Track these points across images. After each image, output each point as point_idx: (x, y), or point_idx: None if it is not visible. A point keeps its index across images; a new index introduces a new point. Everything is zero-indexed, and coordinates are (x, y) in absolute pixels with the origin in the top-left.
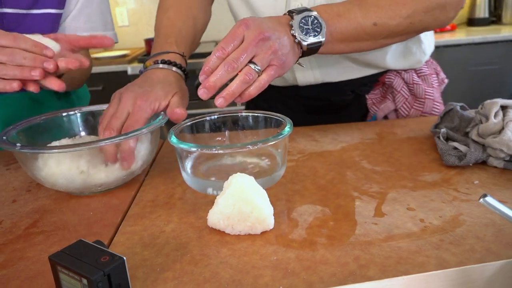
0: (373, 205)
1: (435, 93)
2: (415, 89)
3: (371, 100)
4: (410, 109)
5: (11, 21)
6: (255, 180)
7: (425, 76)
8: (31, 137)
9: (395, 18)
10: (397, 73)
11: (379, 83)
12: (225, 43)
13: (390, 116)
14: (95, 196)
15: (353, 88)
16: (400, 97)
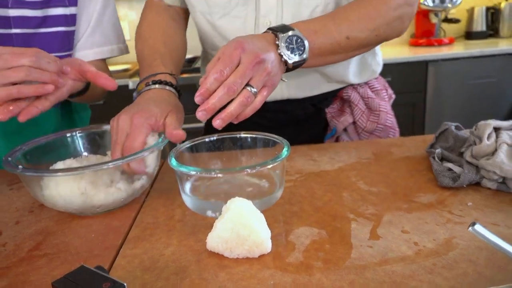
0: (369, 227)
1: (387, 106)
2: (370, 103)
3: (330, 114)
4: (367, 121)
5: (19, 41)
6: (252, 204)
7: (377, 91)
8: (37, 157)
9: (364, 31)
10: (353, 88)
11: (337, 97)
12: (223, 65)
13: (349, 128)
14: (97, 217)
15: (314, 103)
16: (358, 110)
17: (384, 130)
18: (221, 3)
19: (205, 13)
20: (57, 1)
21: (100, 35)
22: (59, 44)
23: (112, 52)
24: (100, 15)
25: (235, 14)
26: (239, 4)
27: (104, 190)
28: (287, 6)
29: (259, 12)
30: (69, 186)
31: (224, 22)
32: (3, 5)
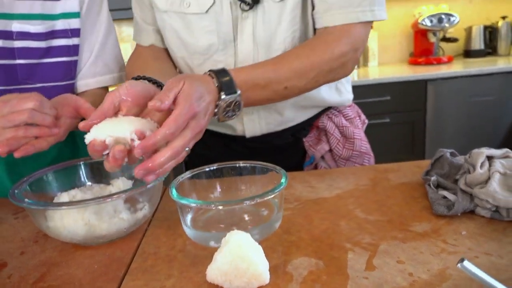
0: (365, 257)
1: (361, 133)
2: (345, 131)
3: (308, 143)
4: (343, 149)
5: (24, 71)
6: (251, 236)
7: (351, 119)
8: (42, 187)
9: (304, 80)
10: (328, 118)
11: (313, 127)
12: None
13: (326, 156)
14: (100, 247)
15: (292, 133)
16: (334, 139)
17: (359, 156)
18: (201, 50)
19: (186, 58)
20: (61, 33)
21: (102, 64)
22: (61, 74)
23: (114, 80)
24: (102, 45)
25: (216, 58)
26: (218, 50)
27: (108, 220)
28: (261, 50)
29: (237, 57)
30: (73, 217)
31: (204, 68)
32: (8, 37)
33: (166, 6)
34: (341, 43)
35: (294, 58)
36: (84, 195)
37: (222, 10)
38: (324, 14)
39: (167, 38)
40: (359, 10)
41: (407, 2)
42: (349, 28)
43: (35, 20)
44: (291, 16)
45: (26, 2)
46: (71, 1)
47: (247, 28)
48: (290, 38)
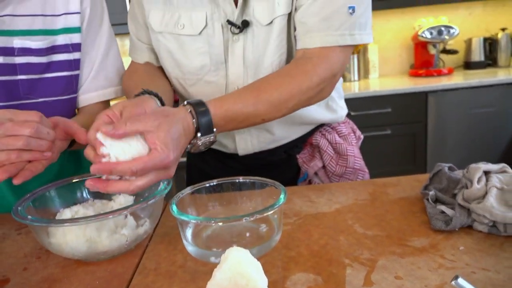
0: (363, 273)
1: (355, 150)
2: (338, 148)
3: (302, 159)
4: (336, 166)
5: (25, 86)
6: (250, 252)
7: (345, 136)
8: (45, 204)
9: (282, 110)
10: (322, 135)
11: (307, 143)
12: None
13: (319, 172)
14: (101, 263)
15: (285, 150)
16: (327, 155)
17: (353, 173)
18: (194, 70)
19: (179, 78)
20: (62, 48)
21: (104, 78)
22: (62, 88)
23: (116, 93)
24: (103, 59)
25: (208, 79)
26: (210, 70)
27: (109, 236)
28: (250, 73)
29: (228, 78)
30: (74, 233)
31: (197, 88)
32: (9, 53)
33: (161, 27)
34: (319, 70)
35: (273, 89)
36: (86, 211)
37: (214, 32)
38: (303, 36)
39: (162, 58)
40: (338, 34)
41: (407, 15)
42: (327, 52)
43: (36, 36)
44: (278, 39)
45: (27, 18)
46: (72, 16)
47: (238, 50)
48: (277, 61)
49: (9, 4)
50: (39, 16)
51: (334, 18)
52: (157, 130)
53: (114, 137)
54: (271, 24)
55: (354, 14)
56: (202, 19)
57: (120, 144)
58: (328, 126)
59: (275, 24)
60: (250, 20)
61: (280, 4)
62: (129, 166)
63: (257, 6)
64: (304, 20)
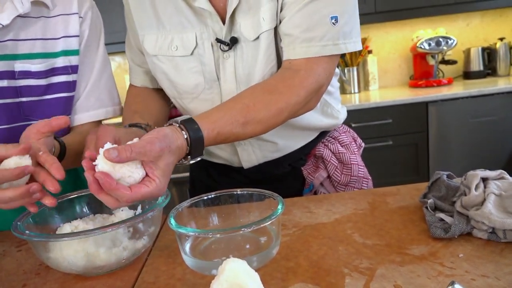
0: (362, 282)
1: (357, 158)
2: (342, 157)
3: (306, 171)
4: (341, 175)
5: (26, 108)
6: (247, 263)
7: (346, 145)
8: (45, 219)
9: (270, 128)
10: (324, 146)
11: (310, 155)
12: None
13: (325, 183)
14: (100, 278)
15: (290, 163)
16: (331, 165)
17: (358, 181)
18: (189, 90)
19: (176, 98)
20: (61, 70)
21: (96, 99)
22: (62, 109)
23: (107, 114)
24: (96, 81)
25: (203, 97)
26: (205, 88)
27: (107, 251)
28: (242, 87)
29: (222, 95)
30: (73, 248)
31: (194, 105)
32: (11, 77)
33: (155, 51)
34: (306, 83)
35: (262, 107)
36: (86, 225)
37: (205, 52)
38: (287, 48)
39: (159, 80)
40: (321, 44)
41: (405, 26)
42: (312, 64)
43: (36, 59)
44: (267, 54)
45: (28, 43)
46: (71, 39)
47: (229, 67)
48: (268, 74)
49: (11, 30)
50: (40, 40)
51: (316, 29)
52: (158, 161)
53: (116, 162)
54: (258, 39)
55: (338, 24)
56: (193, 40)
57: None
58: (330, 136)
59: (262, 39)
60: (238, 36)
61: (265, 19)
62: (129, 195)
63: (243, 23)
64: (288, 32)
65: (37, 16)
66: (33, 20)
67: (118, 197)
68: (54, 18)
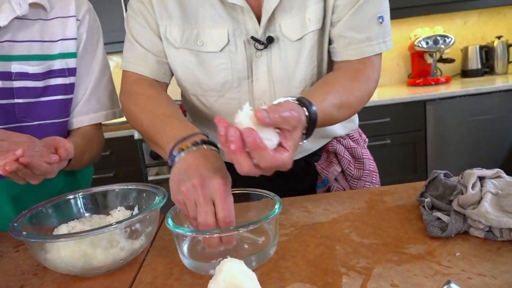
0: (359, 281)
1: (368, 152)
2: (354, 152)
3: (320, 166)
4: (354, 169)
5: (22, 110)
6: (244, 263)
7: (356, 140)
8: (42, 220)
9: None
10: (337, 141)
11: (323, 150)
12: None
13: (338, 177)
14: (98, 278)
15: (305, 159)
16: (345, 160)
17: (369, 174)
18: (216, 87)
19: (199, 95)
20: (58, 72)
21: (96, 102)
22: (58, 112)
23: (107, 117)
24: (96, 84)
25: (230, 96)
26: (233, 87)
27: (104, 251)
28: (278, 88)
29: (253, 94)
30: (70, 249)
31: (219, 104)
32: (7, 78)
33: (180, 43)
34: (375, 77)
35: (349, 93)
36: (83, 226)
37: (237, 49)
38: (344, 49)
39: (179, 75)
40: (375, 43)
41: (403, 25)
42: (370, 62)
43: (33, 61)
44: (310, 54)
45: (25, 44)
46: (68, 42)
47: (262, 66)
48: (310, 75)
49: (9, 31)
50: (37, 42)
51: (369, 29)
52: (293, 132)
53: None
54: (301, 39)
55: (383, 22)
56: (224, 36)
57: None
58: (344, 134)
59: (307, 39)
60: (275, 36)
61: (312, 20)
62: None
63: (284, 22)
64: (344, 34)
65: (34, 18)
66: (31, 22)
67: (260, 158)
68: (51, 20)
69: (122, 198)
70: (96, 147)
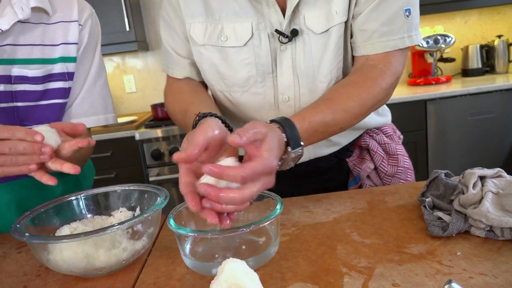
0: (361, 281)
1: (402, 149)
2: (387, 148)
3: (352, 162)
4: (387, 166)
5: (21, 113)
6: (246, 264)
7: (390, 136)
8: (45, 221)
9: (358, 118)
10: (370, 136)
11: (355, 146)
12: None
13: (371, 174)
14: (100, 279)
15: (336, 155)
16: (378, 156)
17: (403, 172)
18: (239, 82)
19: (224, 91)
20: (58, 76)
21: (88, 106)
22: (56, 115)
23: (98, 122)
24: (90, 88)
25: (254, 90)
26: (257, 82)
27: (106, 252)
28: (303, 82)
29: (277, 89)
30: (72, 250)
31: (244, 99)
32: (8, 81)
33: (203, 40)
34: (386, 76)
35: (346, 98)
36: (85, 227)
37: (261, 43)
38: (364, 43)
39: (204, 72)
40: (398, 37)
41: None
42: (390, 57)
43: (34, 64)
44: (336, 47)
45: (27, 48)
46: (69, 46)
47: (286, 60)
48: (336, 68)
49: (11, 35)
50: (38, 45)
51: (393, 23)
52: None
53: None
54: (327, 32)
55: (410, 16)
56: (248, 30)
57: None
58: (375, 127)
59: (333, 32)
60: (300, 28)
61: (338, 12)
62: (239, 171)
63: (309, 14)
64: (364, 28)
65: (36, 22)
66: (33, 26)
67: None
68: (53, 24)
69: (124, 199)
70: (85, 152)
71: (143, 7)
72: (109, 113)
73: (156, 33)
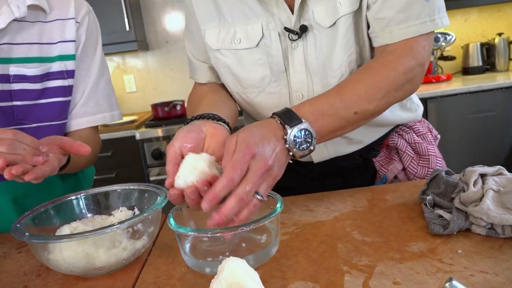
0: (361, 279)
1: (435, 149)
2: (418, 147)
3: (379, 163)
4: (417, 167)
5: (20, 112)
6: (246, 262)
7: (423, 135)
8: (45, 220)
9: (373, 102)
10: (399, 135)
11: (383, 145)
12: (234, 171)
13: (399, 175)
14: (100, 278)
15: (361, 154)
16: (407, 156)
17: None
18: (254, 83)
19: (241, 93)
20: (57, 74)
21: (94, 104)
22: (56, 114)
23: (104, 120)
24: (94, 86)
25: (269, 90)
26: (271, 81)
27: (107, 251)
28: (315, 79)
29: (291, 87)
30: (72, 249)
31: (260, 99)
32: (5, 80)
33: (217, 45)
34: (403, 60)
35: (356, 83)
36: (85, 227)
37: (271, 42)
38: (381, 32)
39: (221, 75)
40: (419, 22)
41: None
42: (411, 43)
43: (32, 63)
44: (344, 40)
45: (24, 46)
46: (67, 44)
47: (298, 57)
48: (347, 62)
49: (7, 33)
50: (36, 44)
51: (412, 7)
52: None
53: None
54: (335, 25)
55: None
56: (258, 30)
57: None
58: (405, 125)
59: (340, 24)
60: (309, 24)
61: (342, 4)
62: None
63: (317, 9)
64: (381, 16)
65: (33, 21)
66: (30, 24)
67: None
68: (50, 22)
69: (124, 199)
70: (93, 150)
71: (143, 7)
72: (114, 110)
73: (156, 33)
